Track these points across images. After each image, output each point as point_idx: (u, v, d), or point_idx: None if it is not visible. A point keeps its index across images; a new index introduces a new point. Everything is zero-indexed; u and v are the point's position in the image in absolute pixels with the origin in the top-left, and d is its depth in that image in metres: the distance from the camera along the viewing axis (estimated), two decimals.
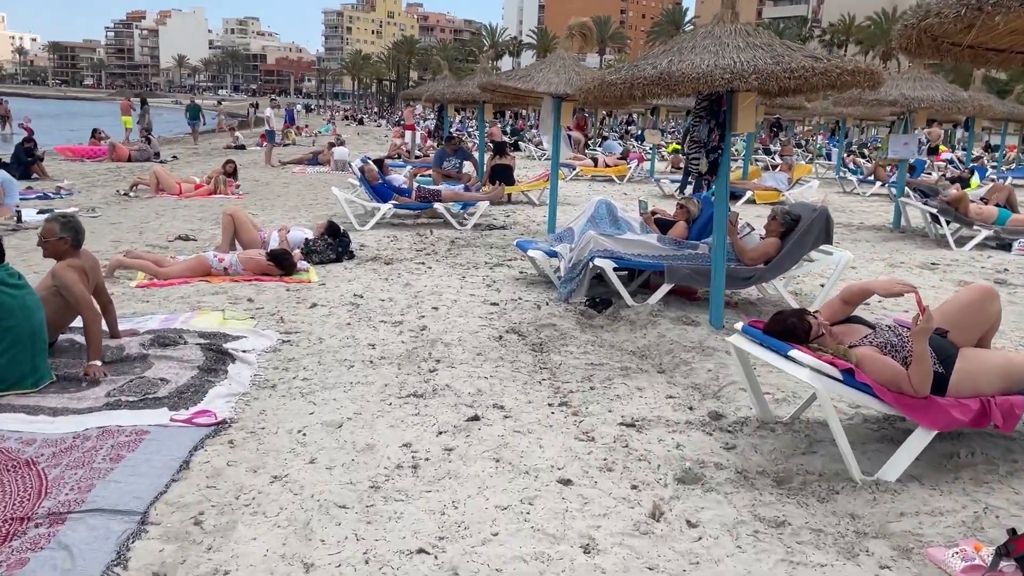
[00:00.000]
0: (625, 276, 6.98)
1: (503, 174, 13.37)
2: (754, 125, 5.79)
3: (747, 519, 3.10)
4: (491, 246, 9.35)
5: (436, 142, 20.33)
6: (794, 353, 3.44)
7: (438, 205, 10.65)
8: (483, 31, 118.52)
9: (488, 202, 11.21)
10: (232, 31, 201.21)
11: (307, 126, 38.95)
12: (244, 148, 25.93)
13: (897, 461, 3.44)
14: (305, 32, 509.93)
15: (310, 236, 8.17)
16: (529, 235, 10.22)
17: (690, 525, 3.05)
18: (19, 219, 9.80)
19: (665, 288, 6.42)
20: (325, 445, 3.66)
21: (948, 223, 10.57)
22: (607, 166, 19.24)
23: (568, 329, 5.80)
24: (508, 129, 36.48)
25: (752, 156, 20.31)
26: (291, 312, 6.05)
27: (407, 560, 2.74)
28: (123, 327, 5.37)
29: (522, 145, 28.54)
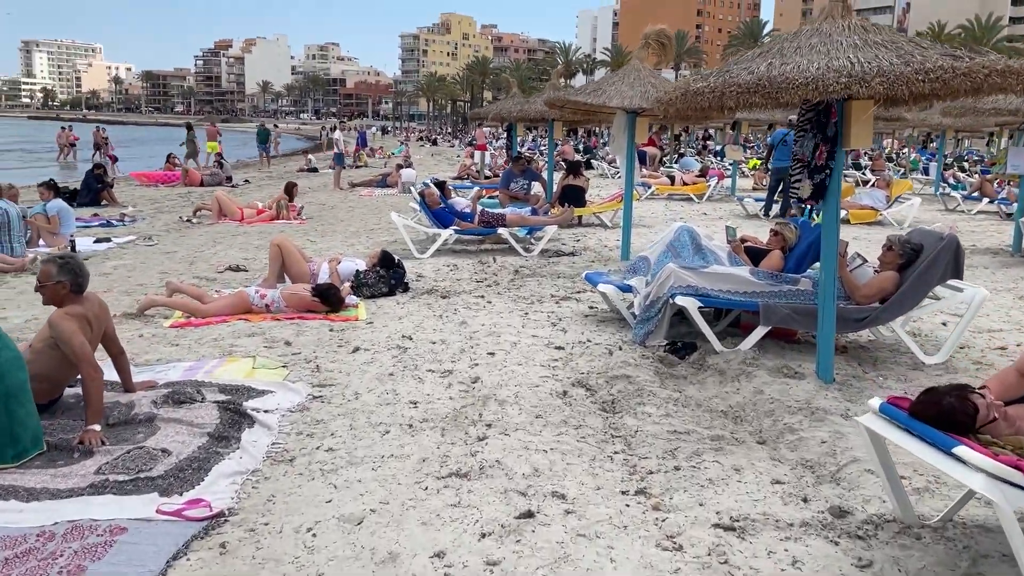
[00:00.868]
0: (710, 313, 6.03)
1: (573, 196, 12.54)
2: (871, 139, 4.84)
3: None
4: (558, 276, 8.53)
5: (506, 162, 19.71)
6: (961, 451, 2.51)
7: (502, 230, 9.91)
8: (556, 50, 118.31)
9: (556, 226, 10.40)
10: (313, 57, 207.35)
11: (381, 148, 39.00)
12: (316, 171, 25.91)
13: None
14: (383, 56, 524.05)
15: (362, 267, 7.53)
16: (600, 262, 9.36)
17: None
18: (72, 248, 9.51)
19: (761, 332, 5.48)
20: (337, 553, 2.89)
21: None
22: (684, 184, 18.19)
23: (645, 382, 4.93)
24: (580, 147, 35.67)
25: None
26: (330, 358, 5.36)
27: None
28: (142, 377, 4.78)
29: (595, 163, 27.66)
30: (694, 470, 3.68)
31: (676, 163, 24.22)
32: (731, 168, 20.02)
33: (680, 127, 34.93)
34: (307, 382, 4.83)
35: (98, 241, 10.33)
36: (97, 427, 3.91)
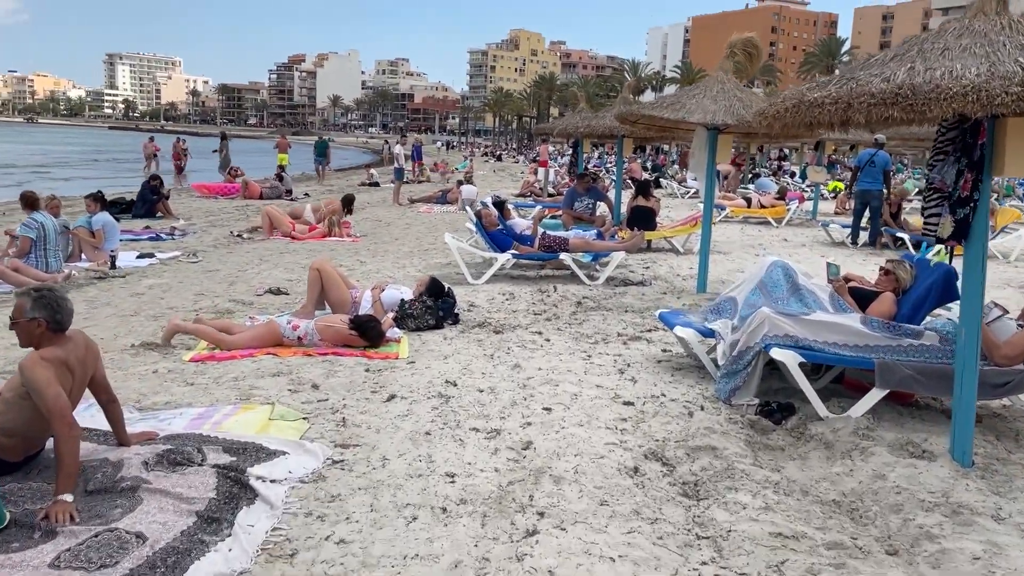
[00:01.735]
0: (807, 367, 5.05)
1: (643, 218, 11.63)
2: None
3: None
4: (625, 309, 7.65)
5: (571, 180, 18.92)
6: None
7: (564, 256, 9.08)
8: (625, 66, 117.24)
9: (624, 252, 9.52)
10: (383, 72, 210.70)
11: (444, 162, 38.64)
12: (378, 185, 25.53)
13: None
14: (451, 71, 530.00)
15: (408, 296, 6.81)
16: (673, 293, 8.45)
17: None
18: (112, 264, 9.07)
19: (877, 395, 4.51)
20: None
21: None
22: (762, 207, 17.05)
23: (735, 456, 4.03)
24: (648, 165, 34.66)
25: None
26: (359, 408, 4.61)
27: None
28: (142, 427, 4.11)
29: (663, 182, 26.63)
30: None
31: (751, 184, 23.07)
32: (812, 191, 18.79)
33: (756, 146, 33.61)
34: (328, 440, 4.08)
35: (141, 256, 9.89)
36: (69, 497, 3.22)
